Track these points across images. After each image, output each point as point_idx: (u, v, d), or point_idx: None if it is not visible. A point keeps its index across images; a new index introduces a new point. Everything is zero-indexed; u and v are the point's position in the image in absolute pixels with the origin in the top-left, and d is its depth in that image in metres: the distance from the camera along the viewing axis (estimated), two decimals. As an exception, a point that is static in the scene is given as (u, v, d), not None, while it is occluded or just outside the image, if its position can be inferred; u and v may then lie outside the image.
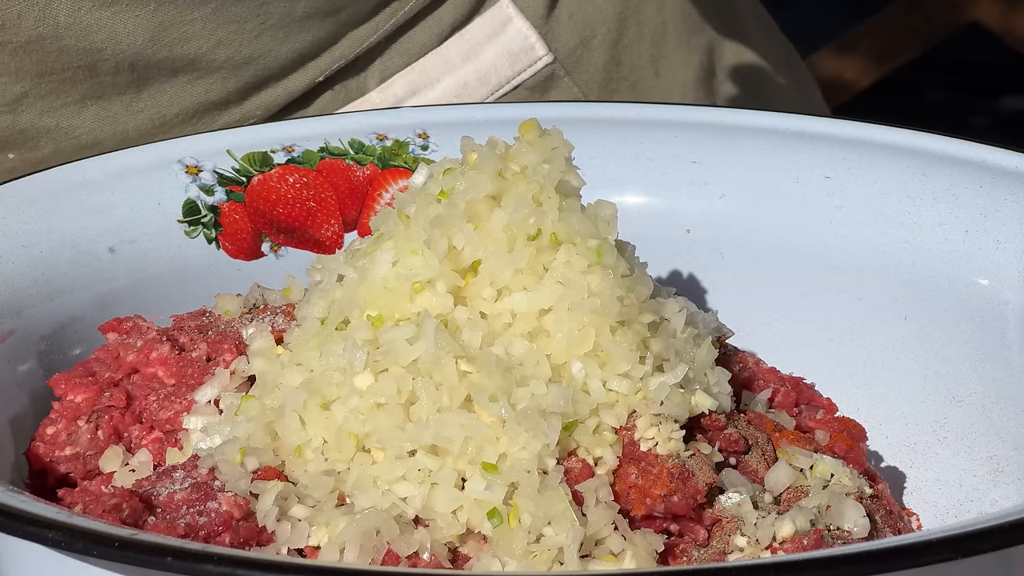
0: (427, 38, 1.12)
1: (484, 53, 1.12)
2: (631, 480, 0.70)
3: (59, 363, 0.83)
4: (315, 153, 0.97)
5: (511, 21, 1.12)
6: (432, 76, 1.12)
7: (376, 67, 1.11)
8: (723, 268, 0.95)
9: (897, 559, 0.56)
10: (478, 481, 0.67)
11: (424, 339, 0.69)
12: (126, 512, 0.67)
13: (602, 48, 1.17)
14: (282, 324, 0.79)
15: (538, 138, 0.75)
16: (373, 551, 0.66)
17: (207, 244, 0.93)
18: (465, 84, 1.13)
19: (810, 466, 0.74)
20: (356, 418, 0.70)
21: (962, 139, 0.92)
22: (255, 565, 0.56)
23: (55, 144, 1.05)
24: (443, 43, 1.12)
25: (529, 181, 0.73)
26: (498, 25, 1.12)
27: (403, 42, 1.11)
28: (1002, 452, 0.82)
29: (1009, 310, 0.85)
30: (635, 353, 0.71)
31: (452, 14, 1.12)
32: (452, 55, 1.12)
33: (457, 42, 1.12)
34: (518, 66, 1.13)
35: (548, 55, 1.14)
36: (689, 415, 0.73)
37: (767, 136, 0.96)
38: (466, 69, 1.12)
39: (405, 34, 1.11)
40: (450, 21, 1.12)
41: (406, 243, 0.73)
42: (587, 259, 0.72)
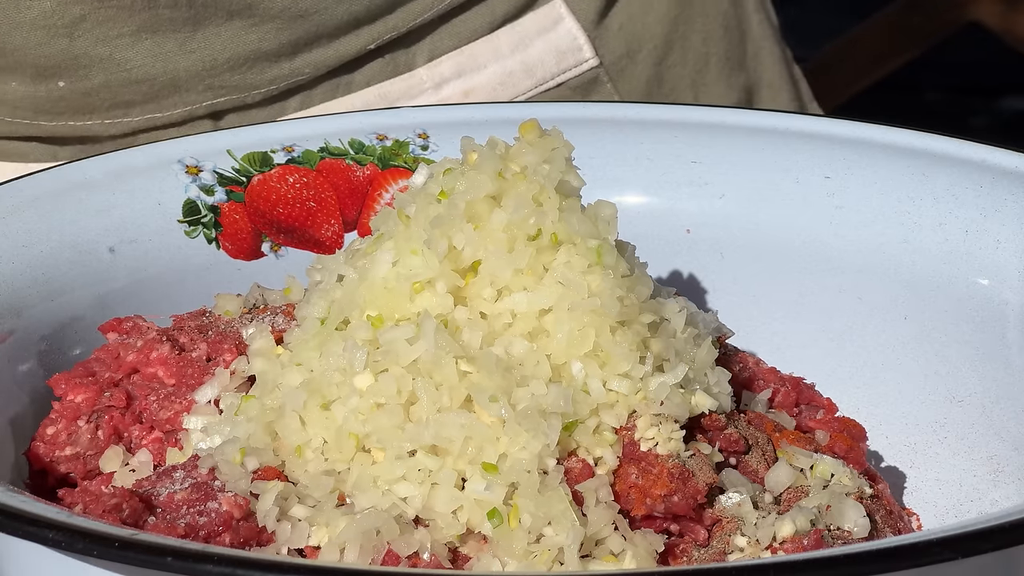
0: (479, 24, 1.13)
1: (532, 47, 1.14)
2: (631, 480, 0.70)
3: (59, 363, 0.83)
4: (315, 153, 0.97)
5: (562, 20, 1.14)
6: (480, 61, 1.14)
7: (426, 44, 1.13)
8: (723, 268, 0.95)
9: (897, 559, 0.56)
10: (478, 481, 0.67)
11: (424, 339, 0.69)
12: (126, 512, 0.67)
13: (647, 63, 1.20)
14: (282, 324, 0.79)
15: (538, 138, 0.75)
16: (373, 551, 0.66)
17: (207, 244, 0.93)
18: (511, 73, 1.14)
19: (810, 466, 0.74)
20: (356, 418, 0.70)
21: (962, 139, 0.92)
22: (255, 565, 0.56)
23: (106, 75, 1.05)
24: (494, 31, 1.13)
25: (529, 181, 0.73)
26: (549, 23, 1.14)
27: (455, 24, 1.13)
28: (1002, 452, 0.82)
29: (1009, 310, 0.85)
30: (635, 353, 0.71)
31: (505, 5, 1.14)
32: (501, 44, 1.14)
33: (508, 32, 1.14)
34: (564, 64, 1.15)
35: (594, 59, 1.16)
36: (689, 415, 0.73)
37: (767, 136, 0.96)
38: (513, 59, 1.14)
39: (457, 16, 1.13)
40: (503, 11, 1.14)
41: (406, 243, 0.73)
42: (587, 259, 0.72)
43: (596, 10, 1.16)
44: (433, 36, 1.12)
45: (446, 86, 1.14)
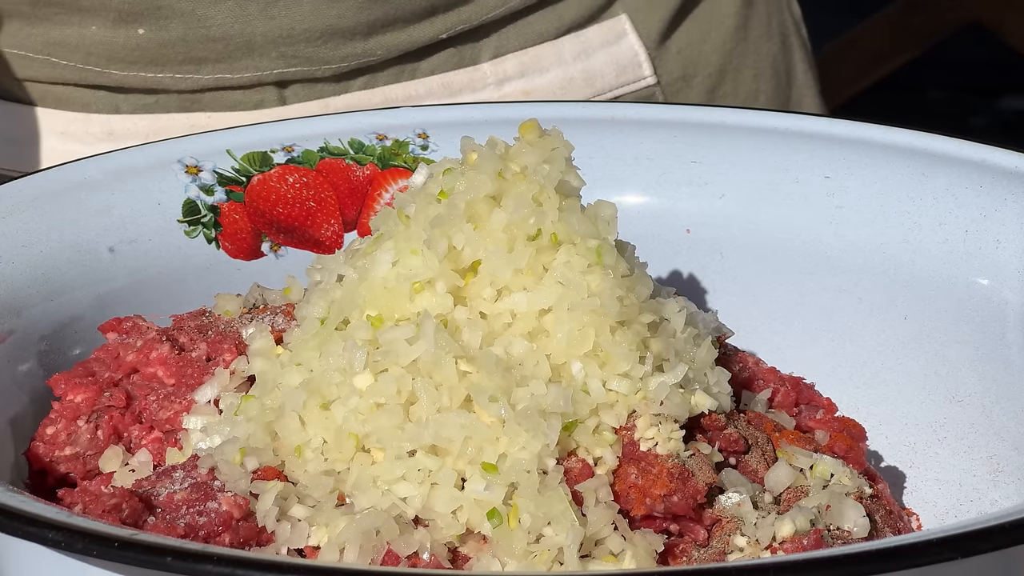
0: (545, 28, 1.16)
1: (595, 57, 1.17)
2: (631, 480, 0.70)
3: (59, 363, 0.83)
4: (315, 153, 0.97)
5: (626, 36, 1.17)
6: (543, 64, 1.16)
7: (492, 40, 1.15)
8: (723, 268, 0.95)
9: (897, 559, 0.56)
10: (478, 481, 0.67)
11: (424, 339, 0.69)
12: (126, 512, 0.67)
13: (700, 89, 1.23)
14: (282, 324, 0.79)
15: (538, 138, 0.75)
16: (373, 551, 0.66)
17: (207, 244, 0.93)
18: (571, 80, 1.17)
19: (810, 466, 0.74)
20: (356, 418, 0.70)
21: (962, 139, 0.92)
22: (255, 565, 0.56)
23: (184, 29, 1.07)
24: (559, 37, 1.16)
25: (529, 181, 0.73)
26: (613, 36, 1.17)
27: (522, 24, 1.15)
28: (1002, 452, 0.82)
29: (1009, 310, 0.85)
30: (635, 353, 0.71)
31: (573, 13, 1.16)
32: (565, 50, 1.16)
33: (572, 40, 1.16)
34: (623, 79, 1.18)
35: (652, 77, 1.19)
36: (689, 415, 0.72)
37: (767, 136, 0.96)
38: (575, 67, 1.16)
39: (525, 17, 1.15)
40: (570, 19, 1.16)
41: (406, 243, 0.73)
42: (587, 259, 0.72)
43: (659, 31, 1.19)
44: (500, 33, 1.15)
45: (508, 84, 1.16)
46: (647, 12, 1.18)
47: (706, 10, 1.21)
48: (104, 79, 1.11)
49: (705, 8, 1.21)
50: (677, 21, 1.20)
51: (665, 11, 1.19)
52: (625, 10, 1.18)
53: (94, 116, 1.13)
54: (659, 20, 1.19)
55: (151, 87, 1.12)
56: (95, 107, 1.14)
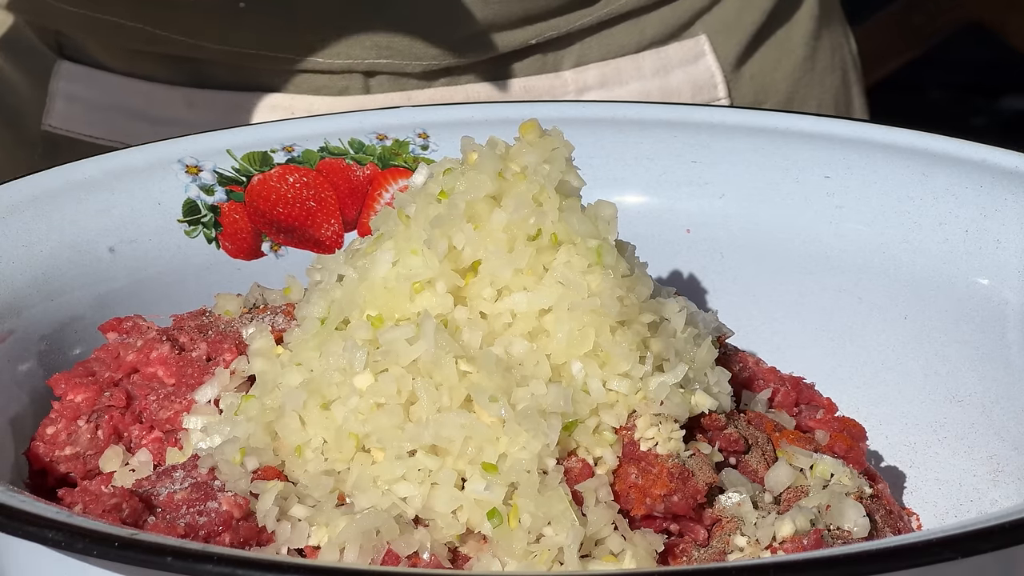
0: (627, 41, 1.17)
1: (673, 74, 1.19)
2: (631, 480, 0.70)
3: (59, 363, 0.83)
4: (315, 153, 0.97)
5: (704, 57, 1.19)
6: (623, 77, 1.18)
7: (575, 49, 1.17)
8: (723, 268, 0.95)
9: (897, 559, 0.56)
10: (478, 481, 0.67)
11: (424, 339, 0.69)
12: (126, 512, 0.67)
13: None
14: (282, 324, 0.79)
15: (538, 138, 0.74)
16: (373, 551, 0.66)
17: (207, 244, 0.93)
18: (648, 94, 1.19)
19: (810, 466, 0.74)
20: (356, 418, 0.70)
21: (962, 139, 0.92)
22: (255, 565, 0.56)
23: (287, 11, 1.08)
24: (640, 52, 1.18)
25: (529, 181, 0.73)
26: (692, 56, 1.19)
27: (605, 36, 1.17)
28: (1002, 452, 0.82)
29: (1009, 310, 0.85)
30: (635, 353, 0.71)
31: (655, 29, 1.18)
32: (645, 65, 1.18)
33: (652, 56, 1.18)
34: (699, 98, 1.21)
35: (727, 99, 1.22)
36: (689, 415, 0.72)
37: (767, 135, 0.96)
38: (653, 82, 1.19)
39: (609, 29, 1.17)
40: (651, 35, 1.18)
41: (406, 243, 0.73)
42: (587, 259, 0.72)
43: (736, 54, 1.21)
44: (584, 43, 1.16)
45: (588, 93, 1.18)
46: (726, 35, 1.20)
47: (780, 38, 1.24)
48: (194, 51, 1.12)
49: (779, 36, 1.24)
50: (753, 47, 1.22)
51: (743, 35, 1.21)
52: (705, 31, 1.20)
53: (176, 88, 1.14)
54: (736, 44, 1.21)
55: (239, 63, 1.12)
56: (180, 79, 1.15)
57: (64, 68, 1.18)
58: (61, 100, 1.19)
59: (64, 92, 1.18)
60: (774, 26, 1.23)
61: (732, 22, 1.20)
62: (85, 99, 1.18)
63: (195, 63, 1.14)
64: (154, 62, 1.15)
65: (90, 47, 1.17)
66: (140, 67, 1.16)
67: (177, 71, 1.15)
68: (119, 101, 1.17)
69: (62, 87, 1.18)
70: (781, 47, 1.24)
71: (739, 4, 1.21)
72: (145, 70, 1.16)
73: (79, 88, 1.18)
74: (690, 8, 1.19)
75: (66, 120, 1.19)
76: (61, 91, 1.19)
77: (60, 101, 1.19)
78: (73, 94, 1.18)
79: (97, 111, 1.18)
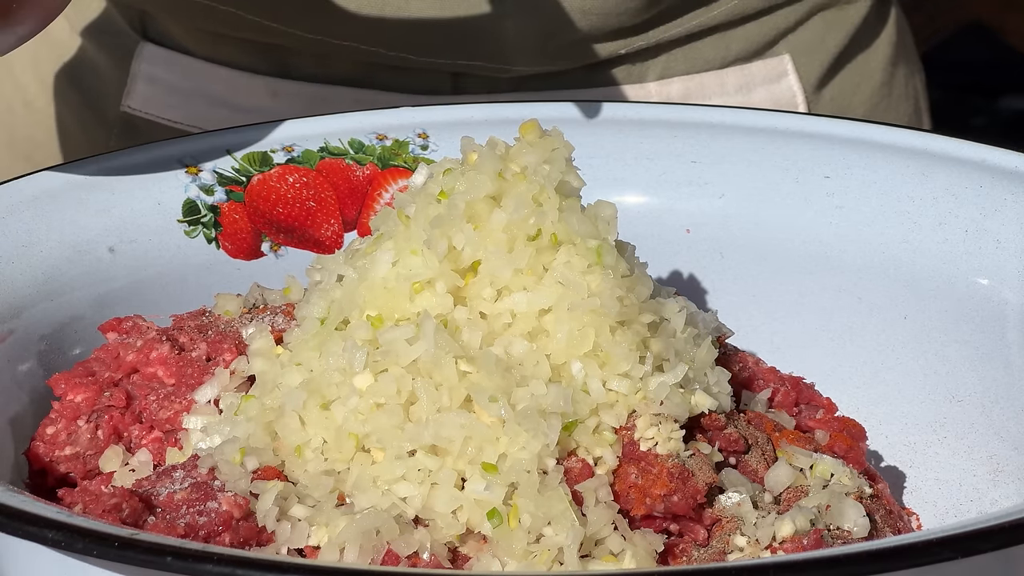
0: (712, 56, 1.17)
1: (755, 92, 1.19)
2: (631, 480, 0.70)
3: (59, 363, 0.83)
4: (315, 153, 0.97)
5: (786, 76, 1.19)
6: (706, 92, 1.18)
7: (660, 62, 1.16)
8: (723, 268, 0.95)
9: (897, 559, 0.56)
10: (478, 481, 0.67)
11: (424, 340, 0.69)
12: (126, 512, 0.67)
13: None
14: (282, 324, 0.79)
15: (538, 139, 0.74)
16: (373, 551, 0.66)
17: (207, 244, 0.93)
18: None
19: (810, 466, 0.74)
20: (356, 418, 0.70)
21: (962, 139, 0.92)
22: (255, 565, 0.56)
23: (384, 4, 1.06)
24: (724, 68, 1.18)
25: (529, 182, 0.73)
26: (775, 75, 1.19)
27: (690, 50, 1.16)
28: (1002, 452, 0.82)
29: (1009, 310, 0.85)
30: (635, 353, 0.71)
31: (740, 45, 1.18)
32: (728, 81, 1.19)
33: (736, 72, 1.18)
34: None
35: None
36: (689, 415, 0.72)
37: (767, 135, 0.96)
38: (736, 99, 1.19)
39: (693, 43, 1.16)
40: (736, 51, 1.18)
41: (406, 243, 0.73)
42: (587, 259, 0.72)
43: (817, 76, 1.21)
44: (668, 56, 1.16)
45: None
46: (809, 56, 1.20)
47: (860, 62, 1.24)
48: (282, 38, 1.10)
49: (859, 60, 1.24)
50: (834, 69, 1.22)
51: (825, 56, 1.21)
52: (789, 50, 1.19)
53: (260, 76, 1.14)
54: (819, 65, 1.21)
55: (326, 52, 1.11)
56: (263, 68, 1.14)
57: (147, 50, 1.18)
58: (142, 82, 1.18)
59: (145, 74, 1.18)
60: (855, 50, 1.23)
61: (816, 43, 1.20)
62: (166, 82, 1.17)
63: (280, 52, 1.13)
64: (238, 49, 1.14)
65: (174, 30, 1.16)
66: (224, 53, 1.15)
67: (261, 59, 1.14)
68: (200, 86, 1.16)
69: (144, 69, 1.18)
70: (861, 71, 1.24)
71: (823, 26, 1.20)
72: (229, 56, 1.15)
73: (160, 71, 1.17)
74: (775, 27, 1.18)
75: (146, 102, 1.18)
76: (143, 73, 1.18)
77: (141, 83, 1.18)
78: (154, 76, 1.18)
79: (177, 95, 1.17)
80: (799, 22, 1.19)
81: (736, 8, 1.15)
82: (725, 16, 1.15)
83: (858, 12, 1.22)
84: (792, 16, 1.18)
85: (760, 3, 1.15)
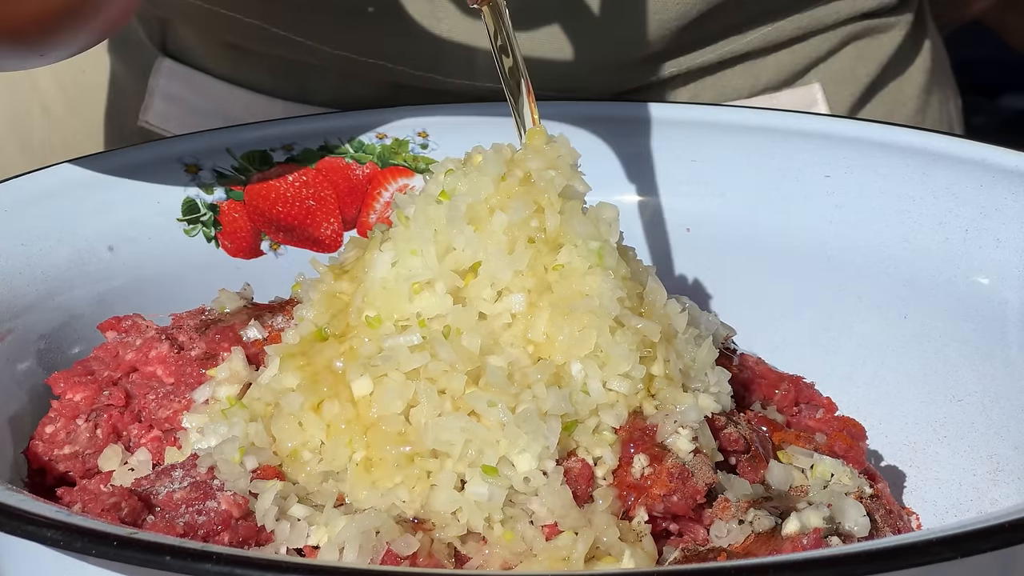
0: (740, 85, 1.15)
1: None
2: (631, 480, 0.69)
3: (58, 362, 0.83)
4: (314, 152, 0.97)
5: (816, 106, 1.16)
6: None
7: (689, 89, 1.14)
8: (723, 267, 0.95)
9: (897, 558, 0.56)
10: (478, 483, 0.67)
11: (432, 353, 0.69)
12: (125, 511, 0.66)
13: None
14: (281, 324, 0.79)
15: (544, 144, 0.74)
16: (372, 551, 0.66)
17: (206, 243, 0.93)
18: None
19: (810, 466, 0.74)
20: (355, 421, 0.69)
21: (962, 138, 0.92)
22: (254, 564, 0.56)
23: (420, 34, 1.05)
24: (752, 96, 1.15)
25: (532, 185, 0.72)
26: (804, 104, 1.16)
27: (719, 78, 1.14)
28: (1002, 451, 0.82)
29: (1009, 309, 0.85)
30: (635, 353, 0.71)
31: (769, 74, 1.15)
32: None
33: (764, 102, 1.16)
34: None
35: None
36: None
37: (767, 135, 0.96)
38: None
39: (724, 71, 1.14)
40: (765, 80, 1.15)
41: (405, 244, 0.73)
42: (588, 261, 0.72)
43: (848, 105, 1.19)
44: (697, 84, 1.14)
45: None
46: (839, 85, 1.18)
47: (892, 90, 1.21)
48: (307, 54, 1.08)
49: (892, 88, 1.21)
50: (866, 98, 1.20)
51: (857, 86, 1.19)
52: (820, 79, 1.17)
53: (278, 101, 1.12)
54: (850, 95, 1.18)
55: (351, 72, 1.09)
56: (283, 91, 1.12)
57: (165, 66, 1.17)
58: (159, 98, 1.17)
59: (163, 90, 1.17)
60: (888, 78, 1.21)
61: (847, 73, 1.18)
62: (183, 100, 1.16)
63: (299, 73, 1.11)
64: (259, 68, 1.13)
65: (194, 45, 1.15)
66: (244, 73, 1.14)
67: (282, 81, 1.12)
68: (218, 107, 1.15)
69: (161, 85, 1.17)
70: (894, 99, 1.21)
71: (855, 54, 1.18)
72: (248, 77, 1.13)
73: (178, 87, 1.16)
74: (806, 56, 1.16)
75: (163, 118, 1.17)
76: (160, 89, 1.17)
77: (158, 99, 1.17)
78: (172, 93, 1.17)
79: (194, 114, 1.16)
80: (831, 51, 1.17)
81: (769, 35, 1.12)
82: (757, 43, 1.13)
83: (892, 41, 1.19)
84: (824, 45, 1.16)
85: (793, 31, 1.13)
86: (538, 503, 0.67)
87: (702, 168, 0.96)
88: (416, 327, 0.70)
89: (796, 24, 1.13)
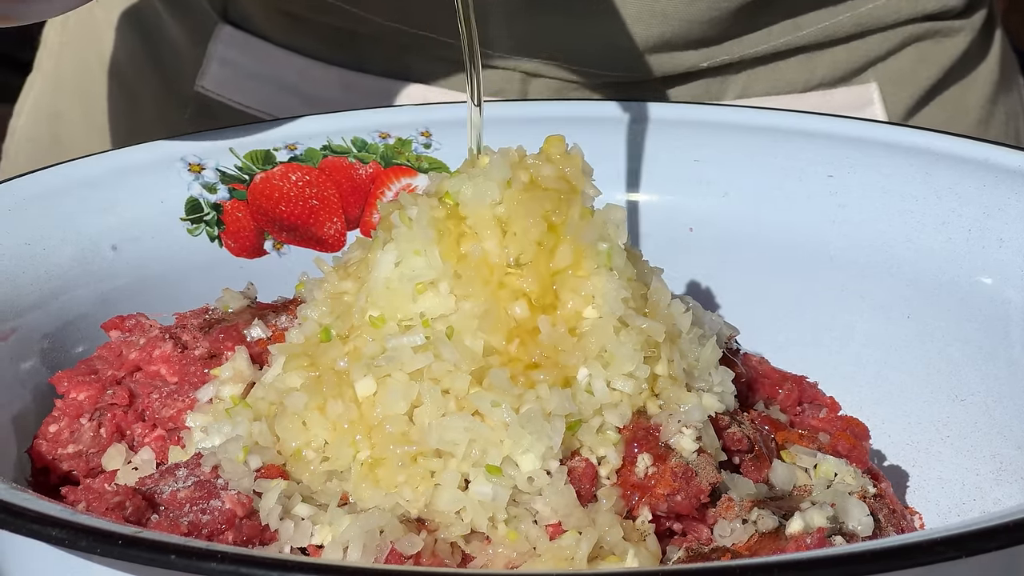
0: (795, 78, 1.13)
1: None
2: (634, 480, 0.70)
3: (62, 361, 0.83)
4: (318, 151, 0.97)
5: (871, 106, 1.14)
6: None
7: (741, 79, 1.12)
8: (726, 266, 0.95)
9: (900, 558, 0.56)
10: (482, 483, 0.67)
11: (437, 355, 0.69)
12: (129, 510, 0.67)
13: None
14: (284, 323, 0.79)
15: (559, 155, 0.74)
16: (376, 550, 0.66)
17: (210, 242, 0.93)
18: None
19: (813, 465, 0.74)
20: (359, 421, 0.69)
21: (965, 137, 0.92)
22: (258, 563, 0.56)
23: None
24: (807, 91, 1.13)
25: (540, 190, 0.72)
26: (859, 103, 1.14)
27: (773, 69, 1.13)
28: (1005, 451, 0.82)
29: (1012, 308, 0.85)
30: (639, 353, 0.71)
31: (825, 69, 1.13)
32: (808, 106, 1.13)
33: (817, 97, 1.13)
34: None
35: None
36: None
37: (770, 134, 0.96)
38: None
39: (778, 63, 1.12)
40: (821, 75, 1.13)
41: (409, 244, 0.73)
42: (595, 262, 0.72)
43: (906, 107, 1.16)
44: (750, 74, 1.12)
45: None
46: (898, 86, 1.15)
47: (954, 97, 1.18)
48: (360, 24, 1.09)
49: (954, 94, 1.18)
50: (925, 101, 1.17)
51: (916, 89, 1.16)
52: (877, 79, 1.15)
53: (333, 68, 1.13)
54: (908, 97, 1.16)
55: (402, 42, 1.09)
56: (338, 59, 1.13)
57: (224, 32, 1.17)
58: (217, 63, 1.18)
59: (221, 56, 1.18)
60: (949, 83, 1.17)
61: (907, 74, 1.15)
62: (240, 65, 1.17)
63: (355, 43, 1.12)
64: (314, 38, 1.13)
65: (254, 13, 1.16)
66: (299, 41, 1.14)
67: (336, 50, 1.13)
68: (274, 73, 1.16)
69: (219, 50, 1.17)
70: (955, 106, 1.18)
71: (916, 56, 1.15)
72: (305, 44, 1.14)
73: (236, 53, 1.17)
74: (864, 54, 1.13)
75: (219, 84, 1.18)
76: (218, 54, 1.18)
77: (216, 64, 1.18)
78: (229, 59, 1.17)
79: (250, 79, 1.17)
80: (891, 51, 1.14)
81: (827, 29, 1.10)
82: (814, 37, 1.10)
83: (956, 46, 1.16)
84: (884, 44, 1.13)
85: (851, 27, 1.11)
86: (542, 503, 0.67)
87: (705, 168, 0.96)
88: (420, 327, 0.70)
89: (855, 20, 1.11)
